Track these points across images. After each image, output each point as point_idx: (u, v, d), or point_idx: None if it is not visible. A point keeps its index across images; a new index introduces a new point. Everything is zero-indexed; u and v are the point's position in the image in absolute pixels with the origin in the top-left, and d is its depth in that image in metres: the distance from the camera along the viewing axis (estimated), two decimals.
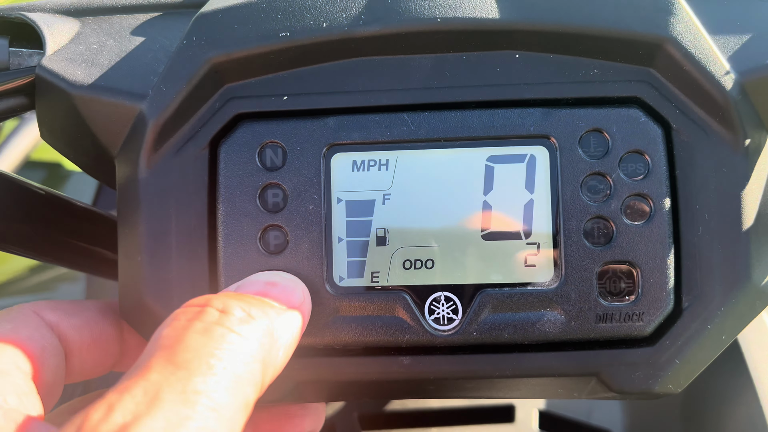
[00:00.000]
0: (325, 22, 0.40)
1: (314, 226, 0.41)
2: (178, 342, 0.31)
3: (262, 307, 0.34)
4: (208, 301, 0.33)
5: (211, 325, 0.32)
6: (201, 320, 0.32)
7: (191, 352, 0.30)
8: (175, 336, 0.31)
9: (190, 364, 0.30)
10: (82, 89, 0.41)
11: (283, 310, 0.36)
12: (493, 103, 0.41)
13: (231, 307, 0.33)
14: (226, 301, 0.33)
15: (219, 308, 0.33)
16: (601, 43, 0.40)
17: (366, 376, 0.41)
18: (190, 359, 0.30)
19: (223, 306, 0.33)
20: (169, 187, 0.41)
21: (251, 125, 0.41)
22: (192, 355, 0.30)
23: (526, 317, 0.40)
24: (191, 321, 0.32)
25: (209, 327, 0.32)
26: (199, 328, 0.31)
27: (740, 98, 0.39)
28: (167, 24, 0.44)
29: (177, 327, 0.32)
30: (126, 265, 0.41)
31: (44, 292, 0.99)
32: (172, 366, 0.29)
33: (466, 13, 0.40)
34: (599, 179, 0.40)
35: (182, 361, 0.30)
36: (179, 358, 0.30)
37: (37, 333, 0.37)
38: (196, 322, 0.32)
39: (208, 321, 0.32)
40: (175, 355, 0.30)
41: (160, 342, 0.31)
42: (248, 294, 0.36)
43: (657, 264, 0.39)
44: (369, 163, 0.41)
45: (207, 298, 0.34)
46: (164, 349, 0.30)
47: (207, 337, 0.31)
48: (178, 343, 0.31)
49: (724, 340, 0.40)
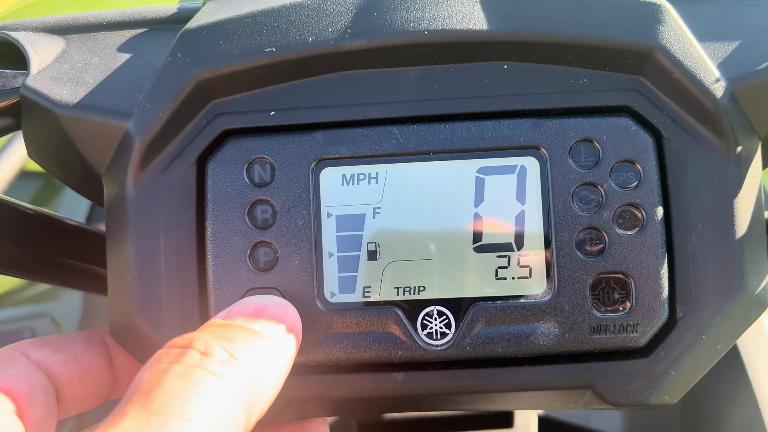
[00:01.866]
0: (311, 37, 0.40)
1: (304, 242, 0.40)
2: (156, 386, 0.30)
3: (246, 344, 0.33)
4: (191, 342, 0.32)
5: (191, 368, 0.31)
6: (182, 363, 0.31)
7: (167, 397, 0.29)
8: (154, 379, 0.30)
9: (164, 410, 0.29)
10: (67, 108, 0.40)
11: (273, 339, 0.35)
12: (482, 114, 0.41)
13: (212, 349, 0.32)
14: (208, 341, 0.33)
15: (201, 350, 0.32)
16: (590, 52, 0.39)
17: (359, 393, 0.40)
18: (165, 405, 0.29)
19: (204, 347, 0.32)
20: (156, 206, 0.40)
21: (239, 141, 0.41)
22: (167, 400, 0.29)
23: (519, 330, 0.40)
24: (171, 364, 0.31)
25: (189, 370, 0.31)
26: (178, 371, 0.31)
27: (731, 105, 0.38)
28: (152, 40, 0.43)
29: (157, 370, 0.31)
30: (115, 285, 0.41)
31: (40, 303, 0.99)
32: (147, 412, 0.29)
33: (453, 25, 0.39)
34: (590, 189, 0.40)
35: (157, 407, 0.29)
36: (155, 403, 0.29)
37: (23, 372, 0.36)
38: (176, 365, 0.31)
39: (189, 364, 0.31)
40: (151, 400, 0.29)
41: (139, 386, 0.30)
42: (236, 325, 0.35)
43: (650, 274, 0.39)
44: (358, 176, 0.41)
45: (190, 338, 0.33)
46: (141, 393, 0.30)
47: (185, 380, 0.30)
48: (155, 387, 0.30)
49: (720, 349, 0.39)
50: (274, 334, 0.35)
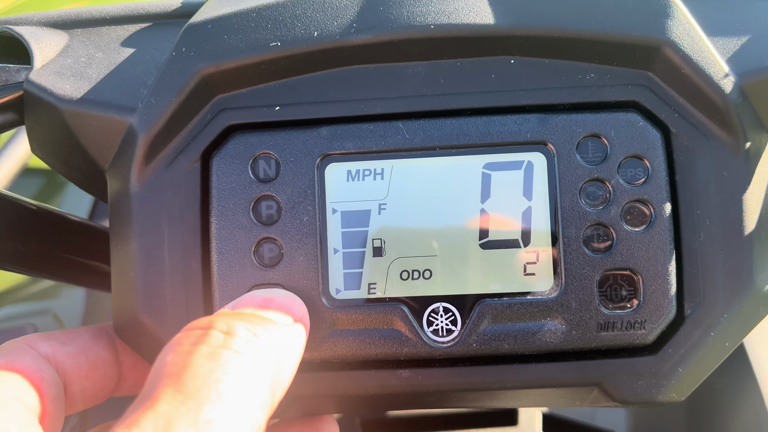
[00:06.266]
0: (317, 31, 0.39)
1: (309, 238, 0.40)
2: (185, 368, 0.30)
3: (264, 325, 0.33)
4: (212, 323, 0.32)
5: (217, 348, 0.31)
6: (206, 344, 0.31)
7: (199, 379, 0.29)
8: (180, 362, 0.30)
9: (199, 392, 0.29)
10: (71, 103, 0.40)
11: (285, 326, 0.35)
12: (489, 109, 0.40)
13: (235, 328, 0.32)
14: (230, 321, 0.32)
15: (223, 330, 0.32)
16: (598, 47, 0.39)
17: (365, 390, 0.40)
18: (198, 387, 0.29)
19: (227, 327, 0.32)
20: (161, 201, 0.40)
21: (243, 136, 0.41)
22: (200, 382, 0.29)
23: (526, 327, 0.39)
24: (195, 345, 0.31)
25: (215, 351, 0.31)
26: (204, 352, 0.30)
27: (740, 101, 0.38)
28: (156, 35, 0.43)
29: (181, 352, 0.31)
30: (119, 282, 0.41)
31: (45, 299, 0.99)
32: (181, 395, 0.28)
33: (460, 20, 0.39)
34: (598, 185, 0.40)
35: (191, 390, 0.29)
36: (187, 386, 0.29)
37: (33, 364, 0.36)
38: (201, 346, 0.31)
39: (214, 344, 0.31)
40: (183, 383, 0.29)
41: (166, 369, 0.30)
42: (246, 313, 0.35)
43: (658, 270, 0.39)
44: (364, 172, 0.41)
45: (210, 319, 0.33)
46: (171, 376, 0.29)
47: (214, 361, 0.30)
48: (184, 370, 0.29)
49: (728, 347, 0.39)
50: (285, 321, 0.35)
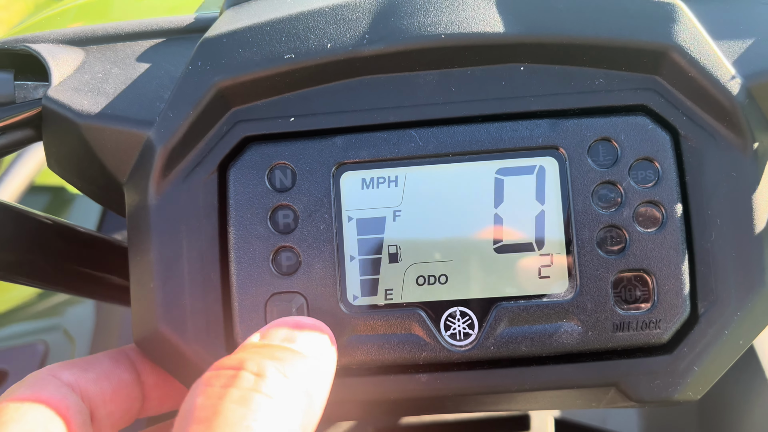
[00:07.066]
0: (330, 43, 0.40)
1: (326, 246, 0.40)
2: (216, 415, 0.29)
3: (294, 363, 0.33)
4: (242, 363, 0.32)
5: (248, 392, 0.30)
6: (237, 387, 0.30)
7: (230, 427, 0.28)
8: (211, 407, 0.29)
9: None
10: (89, 118, 0.41)
11: (315, 358, 0.34)
12: (500, 116, 0.41)
13: (266, 370, 0.31)
14: (260, 362, 0.32)
15: (254, 371, 0.31)
16: (606, 52, 0.40)
17: (384, 396, 0.40)
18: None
19: (257, 368, 0.31)
20: (179, 213, 0.41)
21: (259, 147, 0.41)
22: (232, 430, 0.28)
23: (542, 329, 0.40)
24: (226, 388, 0.30)
25: (246, 395, 0.30)
26: (235, 396, 0.30)
27: (747, 102, 0.39)
28: (172, 50, 0.44)
29: (212, 395, 0.30)
30: (138, 293, 0.41)
31: (53, 316, 0.99)
32: None
33: (470, 29, 0.40)
34: (610, 188, 0.40)
35: None
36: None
37: (57, 393, 0.36)
38: (231, 389, 0.30)
39: (245, 387, 0.30)
40: (213, 430, 0.28)
41: (196, 414, 0.29)
42: (276, 345, 0.34)
43: (671, 271, 0.39)
44: (378, 180, 0.41)
45: (240, 359, 0.32)
46: (200, 422, 0.29)
47: (245, 407, 0.29)
48: (215, 417, 0.29)
49: (742, 344, 0.39)
50: (315, 353, 0.35)
